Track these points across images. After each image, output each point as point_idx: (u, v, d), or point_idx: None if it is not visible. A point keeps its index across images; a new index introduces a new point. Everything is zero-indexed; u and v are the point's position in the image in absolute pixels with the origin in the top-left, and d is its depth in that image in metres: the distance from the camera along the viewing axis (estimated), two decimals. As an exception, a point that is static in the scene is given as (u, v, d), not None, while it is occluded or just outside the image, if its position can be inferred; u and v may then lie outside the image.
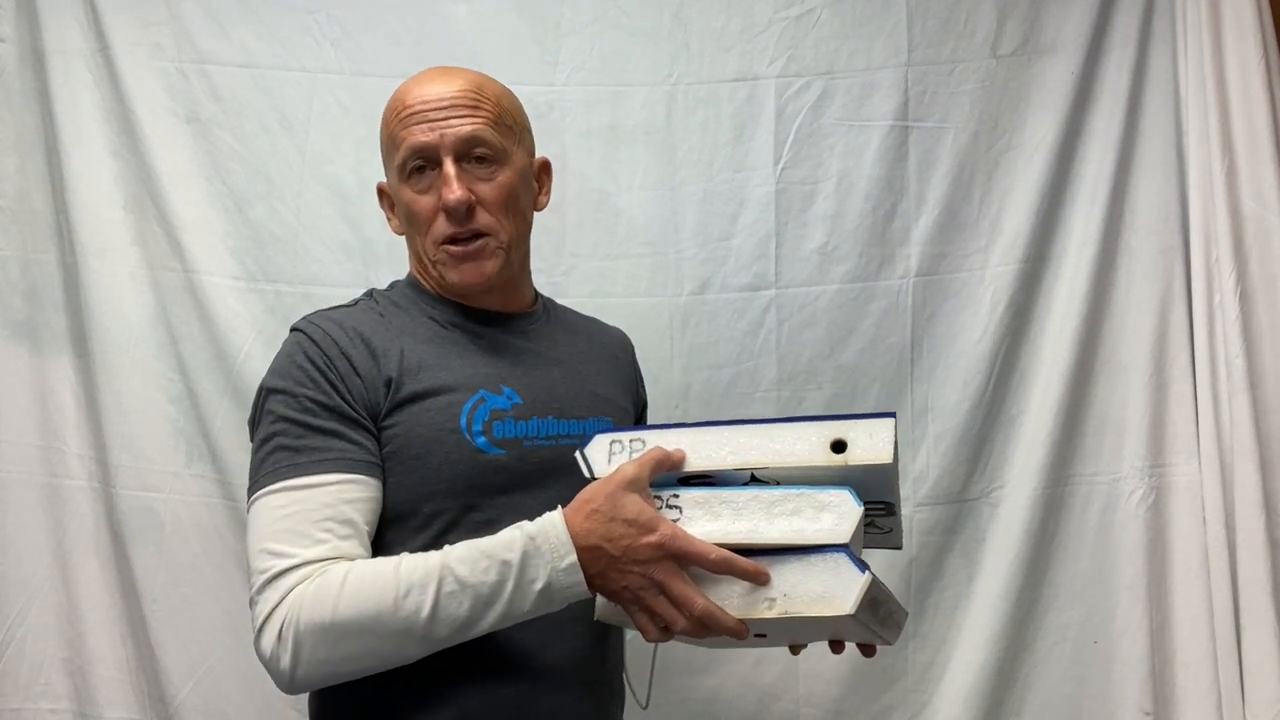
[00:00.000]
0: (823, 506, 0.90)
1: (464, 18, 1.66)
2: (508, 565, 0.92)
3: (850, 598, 0.86)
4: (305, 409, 1.01)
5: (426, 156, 1.07)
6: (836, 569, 0.87)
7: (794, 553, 0.89)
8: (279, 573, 0.94)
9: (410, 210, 1.10)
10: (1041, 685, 1.62)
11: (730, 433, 0.96)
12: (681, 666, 1.63)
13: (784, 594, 0.88)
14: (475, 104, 1.09)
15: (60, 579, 1.58)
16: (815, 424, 0.95)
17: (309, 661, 0.92)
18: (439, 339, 1.10)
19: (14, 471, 1.59)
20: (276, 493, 0.98)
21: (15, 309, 1.60)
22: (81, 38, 1.59)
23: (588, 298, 1.59)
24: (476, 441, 1.04)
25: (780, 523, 0.90)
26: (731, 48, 1.67)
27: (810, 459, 0.93)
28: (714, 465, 0.96)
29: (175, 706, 1.56)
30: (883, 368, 1.65)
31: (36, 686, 1.57)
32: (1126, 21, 1.65)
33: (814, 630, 0.97)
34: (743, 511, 0.92)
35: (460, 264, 1.09)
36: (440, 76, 1.11)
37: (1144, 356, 1.63)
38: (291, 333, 1.09)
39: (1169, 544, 1.61)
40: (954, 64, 1.67)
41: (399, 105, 1.09)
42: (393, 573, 0.93)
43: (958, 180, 1.67)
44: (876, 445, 0.92)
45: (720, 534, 0.91)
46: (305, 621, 0.92)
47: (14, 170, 1.60)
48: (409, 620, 0.91)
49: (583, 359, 1.21)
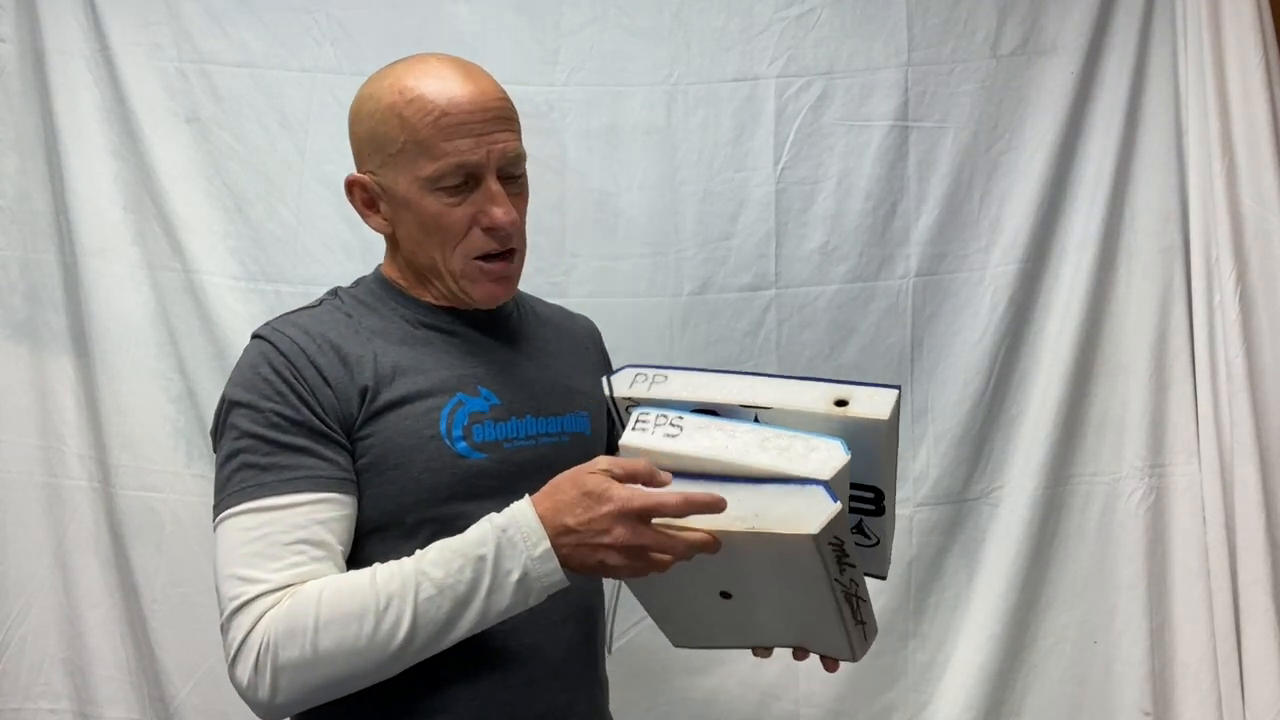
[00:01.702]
0: (813, 449, 0.93)
1: (464, 17, 1.66)
2: (482, 561, 0.90)
3: (817, 520, 0.87)
4: (272, 424, 0.97)
5: (470, 173, 1.02)
6: (812, 497, 0.89)
7: (775, 482, 0.91)
8: (250, 599, 0.91)
9: (438, 221, 1.03)
10: (1041, 685, 1.63)
11: (743, 378, 1.03)
12: (681, 666, 1.63)
13: (755, 513, 0.89)
14: (511, 115, 1.06)
15: (60, 579, 1.58)
16: (824, 384, 1.00)
17: (289, 688, 0.90)
18: (411, 340, 1.07)
19: (14, 471, 1.59)
20: (244, 514, 0.94)
21: (15, 309, 1.60)
22: (81, 38, 1.59)
23: (587, 298, 1.59)
24: (457, 447, 1.02)
25: (770, 454, 0.93)
26: (731, 48, 1.67)
27: (812, 407, 0.97)
28: (726, 399, 1.00)
29: (175, 706, 1.56)
30: (883, 368, 1.65)
31: (36, 686, 1.57)
32: (1126, 21, 1.65)
33: (775, 586, 0.98)
34: (737, 437, 0.95)
35: (493, 281, 1.07)
36: (467, 77, 1.04)
37: (1144, 356, 1.63)
38: (253, 340, 1.04)
39: (1169, 544, 1.61)
40: (954, 64, 1.67)
41: (430, 108, 1.01)
42: (368, 587, 0.90)
43: (958, 180, 1.67)
44: (875, 404, 0.96)
45: (711, 450, 0.94)
46: (282, 649, 0.89)
47: (14, 170, 1.60)
48: (389, 636, 0.89)
49: (555, 353, 1.18)
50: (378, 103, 1.03)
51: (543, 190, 1.66)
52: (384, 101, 1.03)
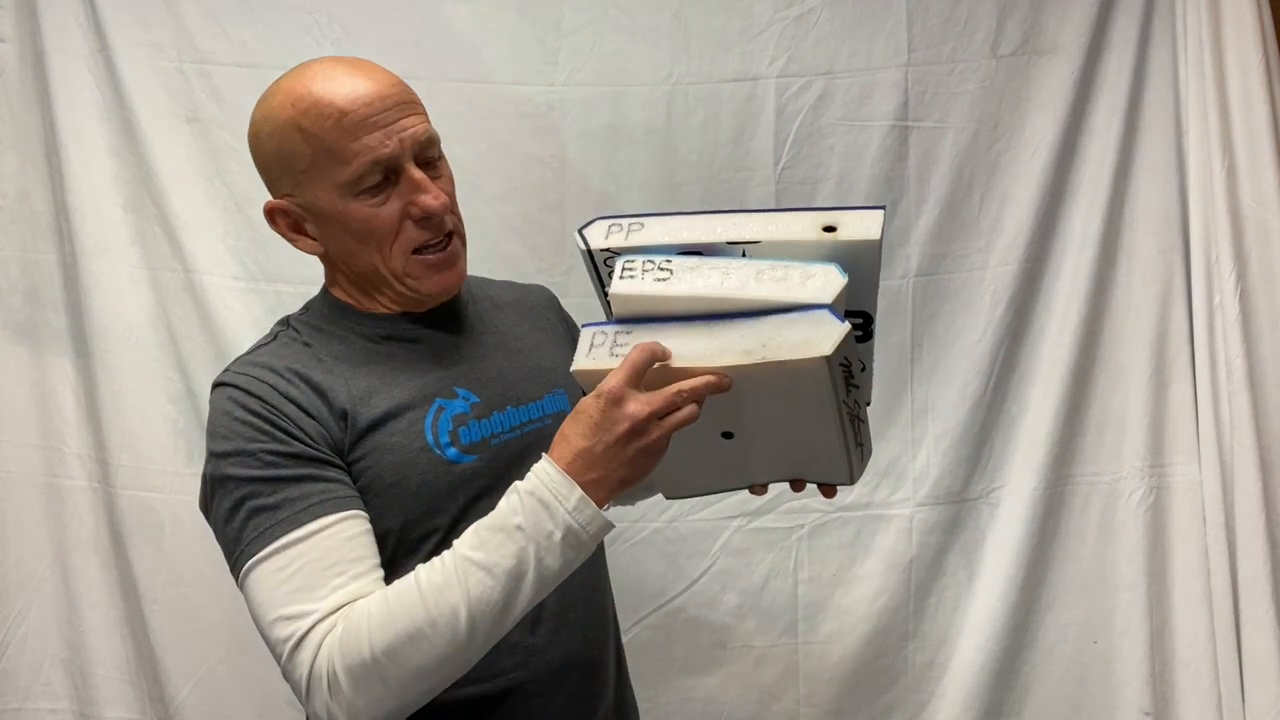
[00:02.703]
0: (810, 275, 0.92)
1: (464, 18, 1.66)
2: (520, 530, 0.87)
3: (829, 342, 0.86)
4: (267, 464, 0.93)
5: (386, 168, 0.98)
6: (818, 320, 0.88)
7: (778, 312, 0.90)
8: (304, 634, 0.88)
9: (367, 226, 0.99)
10: (1041, 685, 1.63)
11: (728, 216, 0.98)
12: (682, 666, 1.63)
13: (763, 344, 0.88)
14: (412, 99, 1.02)
15: (60, 579, 1.58)
16: (810, 212, 0.97)
17: (366, 706, 0.87)
18: (376, 357, 1.04)
19: (14, 471, 1.59)
20: (270, 557, 0.91)
21: (15, 309, 1.60)
22: (81, 38, 1.59)
23: (588, 297, 1.58)
24: (447, 454, 1.01)
25: (768, 285, 0.92)
26: (731, 48, 1.67)
27: (802, 236, 0.95)
28: (710, 238, 0.97)
29: (175, 706, 1.56)
30: (883, 368, 1.65)
31: (36, 686, 1.58)
32: (1126, 21, 1.65)
33: (781, 417, 0.96)
34: (732, 273, 0.93)
35: (439, 272, 1.04)
36: (356, 71, 0.99)
37: (1144, 356, 1.63)
38: (216, 389, 1.00)
39: (1169, 544, 1.61)
40: (954, 64, 1.67)
41: (327, 111, 0.96)
42: (414, 588, 0.88)
43: (958, 180, 1.67)
44: (865, 225, 0.94)
45: (707, 288, 0.92)
46: (344, 667, 0.86)
47: (14, 170, 1.60)
48: (450, 626, 0.86)
49: (519, 334, 1.16)
50: (274, 122, 0.99)
51: (543, 190, 1.67)
52: (280, 119, 0.98)
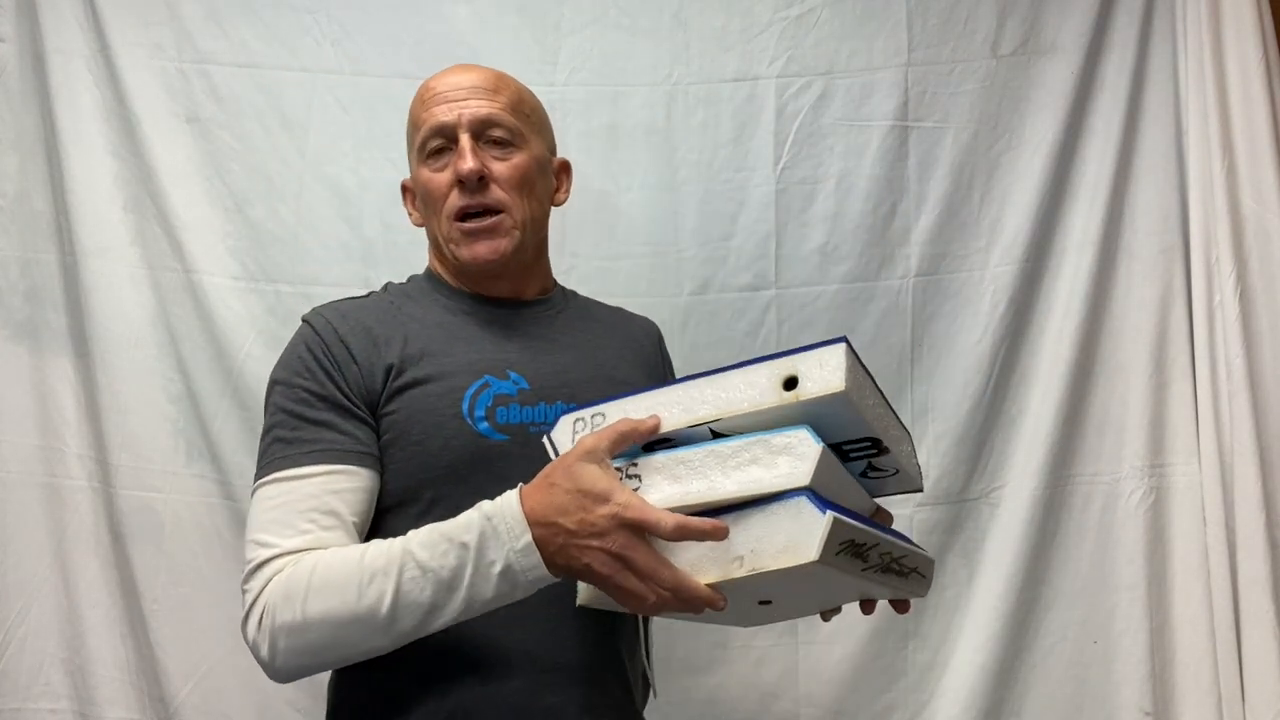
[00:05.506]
0: (779, 450, 0.83)
1: (464, 18, 1.66)
2: (465, 548, 0.89)
3: (813, 543, 0.78)
4: (300, 400, 1.03)
5: (445, 135, 1.09)
6: (798, 514, 0.80)
7: (756, 505, 0.83)
8: (262, 562, 0.96)
9: (427, 189, 1.11)
10: (1041, 685, 1.62)
11: (682, 390, 0.90)
12: (682, 666, 1.63)
13: (750, 550, 0.81)
14: (495, 89, 1.12)
15: (60, 579, 1.58)
16: (765, 364, 0.88)
17: (285, 652, 0.93)
18: (447, 325, 1.11)
19: (14, 471, 1.59)
20: (270, 484, 1.00)
21: (15, 309, 1.60)
22: (81, 38, 1.59)
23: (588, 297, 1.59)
24: (479, 427, 1.03)
25: (737, 475, 0.84)
26: (731, 48, 1.67)
27: (762, 402, 0.86)
28: (669, 426, 0.89)
29: (175, 706, 1.56)
30: (883, 368, 1.65)
31: (36, 686, 1.57)
32: (1126, 21, 1.65)
33: (809, 587, 0.89)
34: (699, 469, 0.86)
35: (475, 241, 1.09)
36: (464, 68, 1.14)
37: (1144, 356, 1.62)
38: (301, 324, 1.10)
39: (1169, 544, 1.61)
40: (954, 64, 1.67)
41: (422, 92, 1.13)
42: (357, 561, 0.92)
43: (958, 180, 1.67)
44: (826, 375, 0.84)
45: (679, 497, 0.85)
46: (278, 614, 0.93)
47: (14, 170, 1.60)
48: (371, 610, 0.90)
49: (599, 344, 1.19)
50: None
51: (543, 190, 1.67)
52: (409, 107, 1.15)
